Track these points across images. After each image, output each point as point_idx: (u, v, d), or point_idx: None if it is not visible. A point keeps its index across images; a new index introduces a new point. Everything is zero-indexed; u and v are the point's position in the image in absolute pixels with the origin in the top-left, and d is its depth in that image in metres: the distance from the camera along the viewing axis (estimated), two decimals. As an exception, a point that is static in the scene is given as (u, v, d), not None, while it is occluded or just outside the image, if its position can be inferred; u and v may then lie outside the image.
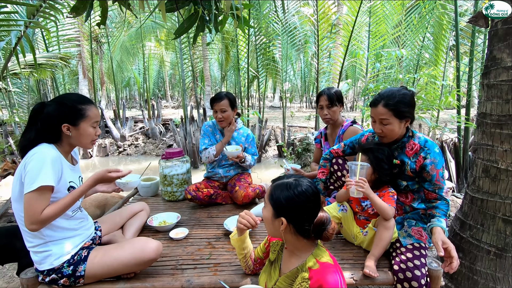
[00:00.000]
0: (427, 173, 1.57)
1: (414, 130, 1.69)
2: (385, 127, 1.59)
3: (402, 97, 1.55)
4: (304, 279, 1.04)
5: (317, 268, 1.05)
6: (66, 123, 1.38)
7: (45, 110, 1.37)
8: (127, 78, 16.39)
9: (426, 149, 1.58)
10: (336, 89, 2.29)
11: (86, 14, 1.58)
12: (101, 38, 10.25)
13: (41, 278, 1.41)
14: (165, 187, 2.57)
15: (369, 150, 1.64)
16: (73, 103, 1.39)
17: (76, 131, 1.40)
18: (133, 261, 1.42)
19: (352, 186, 1.51)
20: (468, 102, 3.97)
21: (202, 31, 1.83)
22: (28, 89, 7.56)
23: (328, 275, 1.02)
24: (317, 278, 1.02)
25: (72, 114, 1.38)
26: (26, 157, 1.31)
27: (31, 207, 1.25)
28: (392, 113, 1.55)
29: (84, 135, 1.42)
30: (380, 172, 1.62)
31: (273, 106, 16.97)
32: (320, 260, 1.07)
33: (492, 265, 1.87)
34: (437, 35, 5.18)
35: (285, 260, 1.19)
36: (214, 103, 2.40)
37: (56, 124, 1.37)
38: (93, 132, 1.45)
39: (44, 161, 1.28)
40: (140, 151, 8.69)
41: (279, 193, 1.08)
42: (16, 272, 1.81)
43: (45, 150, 1.33)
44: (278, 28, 6.86)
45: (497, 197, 1.88)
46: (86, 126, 1.42)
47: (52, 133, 1.38)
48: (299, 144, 6.32)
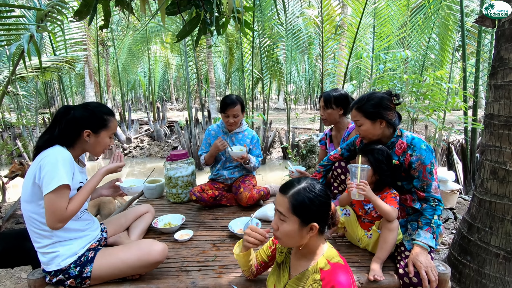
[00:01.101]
0: (414, 170, 1.60)
1: (402, 130, 1.72)
2: (360, 128, 1.69)
3: (370, 99, 1.64)
4: (316, 281, 1.05)
5: (329, 269, 1.05)
6: (89, 129, 1.44)
7: (72, 113, 1.44)
8: (133, 80, 16.54)
9: (412, 146, 1.61)
10: (340, 92, 2.22)
11: (89, 17, 1.60)
12: (107, 42, 10.37)
13: (48, 279, 1.42)
14: (170, 189, 2.58)
15: (368, 152, 1.65)
16: (100, 112, 1.48)
17: (95, 139, 1.47)
18: (138, 263, 1.43)
19: (354, 189, 1.50)
20: (475, 103, 3.93)
21: (204, 34, 1.84)
22: (36, 93, 7.67)
23: (339, 276, 1.02)
24: (329, 279, 1.02)
25: (97, 122, 1.46)
26: (41, 159, 1.34)
27: (55, 206, 1.30)
28: (362, 114, 1.65)
29: (101, 144, 1.50)
30: (380, 173, 1.62)
31: (277, 108, 16.96)
32: (331, 261, 1.07)
33: (501, 269, 1.84)
34: (443, 36, 5.14)
35: (294, 262, 1.18)
36: (226, 108, 2.38)
37: (79, 128, 1.43)
38: (108, 142, 1.53)
39: (59, 161, 1.33)
40: (145, 153, 8.75)
41: (302, 201, 1.04)
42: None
43: (59, 151, 1.37)
44: (282, 30, 6.87)
45: (505, 199, 1.85)
46: (105, 136, 1.50)
47: (71, 136, 1.44)
48: (304, 146, 6.30)
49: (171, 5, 1.72)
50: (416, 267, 1.41)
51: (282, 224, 1.07)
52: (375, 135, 1.67)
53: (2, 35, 2.76)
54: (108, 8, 1.64)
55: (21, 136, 7.55)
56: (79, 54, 8.18)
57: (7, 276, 2.51)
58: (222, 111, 2.41)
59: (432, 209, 1.55)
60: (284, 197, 1.07)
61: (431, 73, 3.28)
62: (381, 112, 1.61)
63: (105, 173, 1.55)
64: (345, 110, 2.25)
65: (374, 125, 1.64)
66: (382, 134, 1.68)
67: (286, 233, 1.07)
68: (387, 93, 1.68)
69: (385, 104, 1.63)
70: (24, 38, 1.89)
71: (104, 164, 8.10)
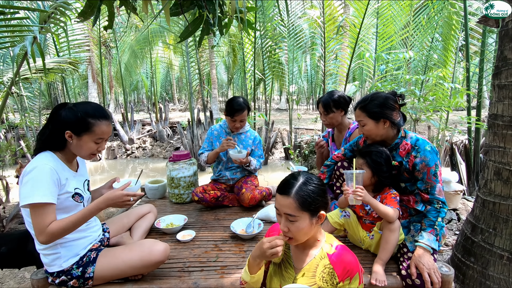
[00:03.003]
0: (418, 172, 1.59)
1: (407, 131, 1.71)
2: (363, 128, 1.68)
3: (374, 99, 1.64)
4: (326, 266, 1.09)
5: (335, 252, 1.11)
6: (70, 130, 1.36)
7: (59, 112, 1.38)
8: (135, 81, 16.61)
9: (416, 147, 1.60)
10: (338, 94, 2.21)
11: (94, 18, 1.61)
12: (110, 43, 10.42)
13: (51, 279, 1.43)
14: (172, 190, 2.58)
15: (367, 154, 1.64)
16: (85, 114, 1.37)
17: (77, 141, 1.38)
18: (141, 263, 1.43)
19: (350, 195, 1.49)
20: (479, 103, 3.90)
21: (207, 34, 1.84)
22: (39, 94, 7.72)
23: (346, 255, 1.10)
24: (340, 262, 1.08)
25: (79, 124, 1.36)
26: (25, 170, 1.30)
27: (36, 220, 1.26)
28: (365, 114, 1.65)
29: (83, 148, 1.40)
30: (379, 175, 1.60)
31: (279, 108, 16.95)
32: (333, 244, 1.13)
33: (505, 270, 1.82)
34: (446, 36, 5.11)
35: (297, 255, 1.18)
36: (234, 114, 2.38)
37: (63, 128, 1.36)
38: (94, 147, 1.41)
39: (39, 177, 1.27)
40: (147, 153, 8.78)
41: (307, 195, 1.05)
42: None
43: (44, 163, 1.31)
44: (284, 30, 6.86)
45: (509, 200, 1.84)
46: (88, 140, 1.39)
47: (57, 136, 1.38)
48: (306, 147, 6.29)
49: (174, 6, 1.73)
50: (419, 269, 1.40)
51: (294, 224, 1.07)
52: (379, 135, 1.66)
53: (6, 37, 2.79)
54: (112, 9, 1.65)
55: (24, 137, 7.60)
56: (82, 55, 8.22)
57: (11, 276, 2.53)
58: (230, 115, 2.41)
59: (436, 211, 1.54)
60: (287, 198, 1.06)
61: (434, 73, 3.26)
62: (385, 112, 1.60)
63: (107, 204, 1.38)
64: (345, 110, 2.25)
65: (378, 125, 1.63)
66: (386, 135, 1.67)
67: (300, 231, 1.07)
68: (391, 93, 1.67)
69: (389, 104, 1.62)
70: (28, 40, 1.90)
71: (107, 164, 8.13)
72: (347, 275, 1.06)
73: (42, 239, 1.28)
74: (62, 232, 1.30)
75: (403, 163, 1.64)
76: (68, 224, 1.31)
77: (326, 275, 1.08)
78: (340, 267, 1.06)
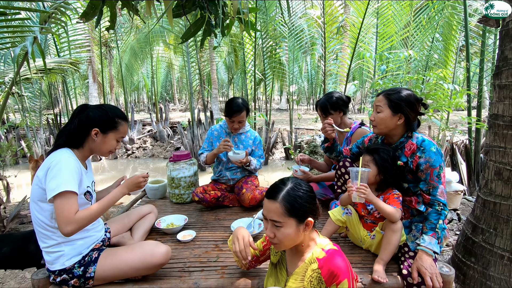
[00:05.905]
0: (421, 172, 1.58)
1: (414, 131, 1.70)
2: (377, 115, 1.67)
3: (401, 92, 1.63)
4: (314, 270, 1.06)
5: (324, 256, 1.07)
6: (98, 128, 1.48)
7: (86, 111, 1.49)
8: (136, 82, 16.62)
9: (422, 148, 1.59)
10: (335, 96, 2.19)
11: (96, 19, 1.61)
12: (111, 43, 10.44)
13: (52, 278, 1.43)
14: (173, 190, 2.59)
15: (374, 151, 1.64)
16: (114, 114, 1.53)
17: (102, 138, 1.50)
18: (142, 265, 1.44)
19: (354, 192, 1.49)
20: (479, 103, 3.90)
21: (209, 35, 1.84)
22: (40, 94, 7.74)
23: (335, 260, 1.05)
24: (327, 267, 1.04)
25: (107, 122, 1.50)
26: (50, 162, 1.36)
27: (64, 209, 1.30)
28: (386, 101, 1.63)
29: (107, 144, 1.53)
30: (385, 173, 1.61)
31: (280, 108, 16.95)
32: (325, 248, 1.10)
33: (506, 271, 1.82)
34: (446, 36, 5.11)
35: (290, 259, 1.19)
36: (232, 115, 2.38)
37: (90, 126, 1.46)
38: (115, 144, 1.57)
39: (66, 168, 1.35)
40: (148, 153, 8.79)
41: (294, 201, 1.05)
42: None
43: (66, 157, 1.39)
44: (284, 31, 6.87)
45: (510, 200, 1.84)
46: (112, 138, 1.53)
47: (82, 134, 1.47)
48: (307, 147, 6.29)
49: (176, 7, 1.73)
50: (421, 274, 1.39)
51: (279, 230, 1.06)
52: (388, 127, 1.65)
53: (7, 37, 2.79)
54: (114, 9, 1.65)
55: (25, 137, 7.61)
56: (82, 55, 8.23)
57: (11, 276, 2.53)
58: (228, 116, 2.41)
59: (437, 213, 1.53)
60: (274, 203, 1.06)
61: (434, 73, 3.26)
62: (406, 108, 1.60)
63: (128, 188, 1.57)
64: (344, 111, 2.23)
65: (393, 118, 1.62)
66: (394, 130, 1.66)
67: (285, 237, 1.06)
68: (420, 98, 1.67)
69: (413, 104, 1.61)
70: (28, 40, 1.90)
71: (107, 164, 8.14)
72: (333, 281, 1.02)
73: (70, 228, 1.30)
74: (89, 220, 1.36)
75: (408, 163, 1.63)
76: (95, 211, 1.38)
77: (314, 279, 1.06)
78: (327, 271, 1.03)
